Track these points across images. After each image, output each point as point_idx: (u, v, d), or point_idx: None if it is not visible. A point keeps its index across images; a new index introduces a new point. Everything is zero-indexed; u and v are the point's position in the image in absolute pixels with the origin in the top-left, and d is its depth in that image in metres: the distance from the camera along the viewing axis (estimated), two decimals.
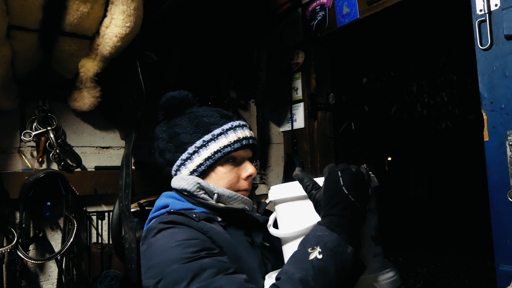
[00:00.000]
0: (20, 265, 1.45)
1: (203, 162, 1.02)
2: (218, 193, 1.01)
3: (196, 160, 1.03)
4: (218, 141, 1.02)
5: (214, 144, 1.02)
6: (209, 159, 1.02)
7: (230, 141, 1.02)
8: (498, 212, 1.23)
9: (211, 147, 1.02)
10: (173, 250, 0.81)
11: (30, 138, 1.55)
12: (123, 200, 1.49)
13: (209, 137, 1.03)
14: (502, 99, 1.23)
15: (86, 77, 1.52)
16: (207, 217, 0.95)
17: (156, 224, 0.91)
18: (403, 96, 5.19)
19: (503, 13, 1.23)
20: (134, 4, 1.34)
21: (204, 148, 1.02)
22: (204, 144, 1.02)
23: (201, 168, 1.03)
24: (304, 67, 2.17)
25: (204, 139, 1.03)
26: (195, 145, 1.03)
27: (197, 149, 1.03)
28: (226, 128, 1.04)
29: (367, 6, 1.78)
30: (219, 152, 1.02)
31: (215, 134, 1.03)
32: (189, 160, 1.04)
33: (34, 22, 1.32)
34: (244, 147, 1.05)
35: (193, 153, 1.03)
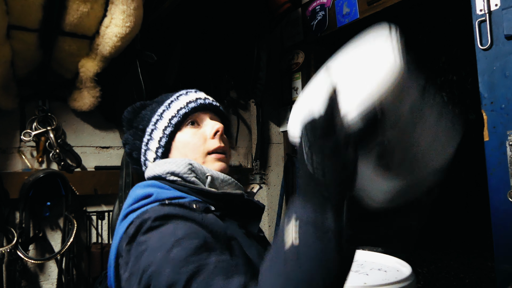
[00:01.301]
0: (20, 265, 1.45)
1: (162, 135, 0.92)
2: (212, 175, 0.88)
3: (156, 135, 0.93)
4: (171, 108, 0.94)
5: (167, 112, 0.94)
6: (167, 128, 0.92)
7: (183, 103, 0.94)
8: (498, 212, 1.23)
9: (166, 115, 0.93)
10: (167, 251, 0.67)
11: (30, 138, 1.55)
12: (123, 200, 1.49)
13: (163, 108, 0.95)
14: (502, 99, 1.23)
15: (86, 77, 1.52)
16: (206, 207, 0.81)
17: (146, 217, 0.74)
18: None
19: (503, 13, 1.23)
20: (134, 4, 1.34)
21: (160, 120, 0.94)
22: (159, 117, 0.94)
23: (163, 141, 0.92)
24: (304, 67, 2.17)
25: (158, 112, 0.95)
26: (152, 122, 0.95)
27: (154, 125, 0.94)
28: (177, 95, 0.97)
29: (367, 6, 1.78)
30: (175, 117, 0.92)
31: (167, 103, 0.95)
32: (151, 140, 0.94)
33: (34, 22, 1.32)
34: (202, 108, 0.95)
35: (151, 132, 0.94)
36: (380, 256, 1.04)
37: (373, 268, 0.96)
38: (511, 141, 1.20)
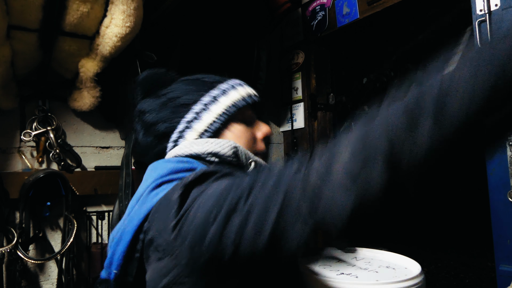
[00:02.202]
0: (20, 265, 1.45)
1: (215, 119, 0.85)
2: (256, 161, 0.84)
3: (206, 117, 0.85)
4: (229, 95, 0.87)
5: (225, 98, 0.87)
6: (223, 114, 0.85)
7: (242, 94, 0.89)
8: (498, 212, 1.23)
9: (222, 101, 0.86)
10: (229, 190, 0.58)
11: (30, 138, 1.55)
12: (123, 200, 1.49)
13: (218, 91, 0.88)
14: None
15: (86, 77, 1.52)
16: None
17: (206, 170, 0.67)
18: None
19: (503, 13, 1.23)
20: (134, 4, 1.34)
21: (213, 103, 0.86)
22: (213, 99, 0.87)
23: (213, 126, 0.85)
24: (304, 67, 2.17)
25: (212, 94, 0.87)
26: (202, 101, 0.86)
27: (206, 106, 0.86)
28: (233, 83, 0.91)
29: (367, 6, 1.78)
30: (233, 106, 0.86)
31: (224, 89, 0.88)
32: (196, 120, 0.85)
33: (34, 22, 1.32)
34: (254, 106, 0.92)
35: (200, 111, 0.86)
36: (386, 254, 1.05)
37: (381, 265, 0.96)
38: (511, 141, 1.20)
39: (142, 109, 0.91)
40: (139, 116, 0.92)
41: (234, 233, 0.53)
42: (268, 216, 0.52)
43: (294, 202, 0.51)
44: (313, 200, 0.50)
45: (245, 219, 0.53)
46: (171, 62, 1.73)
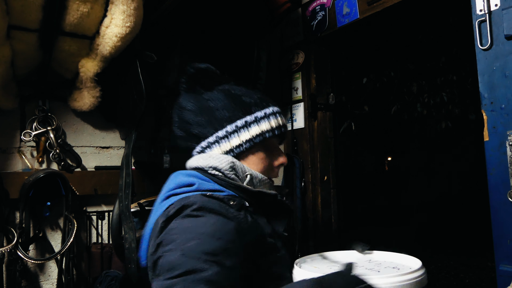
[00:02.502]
0: (20, 265, 1.45)
1: (241, 144, 0.97)
2: (251, 174, 0.97)
3: (235, 140, 0.97)
4: (260, 125, 0.98)
5: (256, 127, 0.98)
6: (250, 141, 0.97)
7: (272, 126, 1.00)
8: (498, 212, 1.23)
9: (253, 129, 0.98)
10: (187, 240, 0.75)
11: (30, 138, 1.55)
12: (123, 200, 1.48)
13: (251, 118, 0.99)
14: (502, 99, 1.23)
15: (86, 77, 1.52)
16: (242, 204, 0.89)
17: (188, 203, 0.83)
18: (403, 96, 5.19)
19: (503, 13, 1.23)
20: (134, 4, 1.34)
21: (245, 129, 0.98)
22: (245, 125, 0.98)
23: (239, 149, 0.98)
24: (304, 67, 2.17)
25: (246, 120, 0.98)
26: (236, 124, 0.98)
27: (238, 129, 0.98)
28: (268, 112, 1.02)
29: (367, 6, 1.78)
30: (260, 136, 0.98)
31: (258, 117, 0.99)
32: (226, 139, 0.98)
33: (34, 22, 1.32)
34: (280, 136, 1.04)
35: (232, 132, 0.98)
36: (392, 255, 1.04)
37: (388, 266, 0.96)
38: (511, 141, 1.20)
39: (183, 105, 1.02)
40: (179, 109, 1.03)
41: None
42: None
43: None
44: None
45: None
46: (171, 62, 1.73)
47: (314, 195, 2.13)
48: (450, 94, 4.89)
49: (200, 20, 1.76)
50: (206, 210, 0.82)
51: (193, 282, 0.68)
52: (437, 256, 5.97)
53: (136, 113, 1.52)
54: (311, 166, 2.14)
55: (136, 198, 1.59)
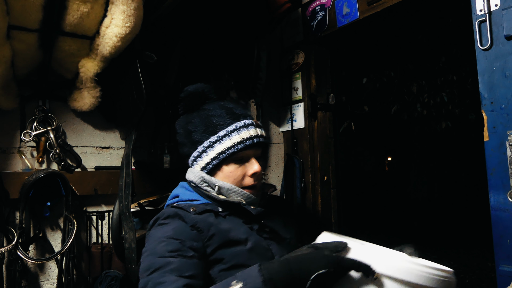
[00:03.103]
0: (20, 265, 1.45)
1: (210, 161, 1.12)
2: (219, 186, 1.11)
3: (205, 159, 1.13)
4: (222, 143, 1.11)
5: (219, 145, 1.11)
6: (215, 159, 1.11)
7: (234, 142, 1.10)
8: (498, 212, 1.23)
9: (216, 148, 1.11)
10: (157, 244, 0.97)
11: (30, 138, 1.55)
12: (123, 200, 1.49)
13: (215, 138, 1.11)
14: (502, 99, 1.23)
15: (86, 77, 1.52)
16: (205, 209, 1.07)
17: (160, 215, 1.08)
18: (403, 96, 5.19)
19: (503, 13, 1.23)
20: (134, 4, 1.34)
21: (210, 148, 1.12)
22: (210, 145, 1.12)
23: (209, 166, 1.13)
24: (304, 67, 2.17)
25: (211, 140, 1.12)
26: (203, 145, 1.13)
27: (205, 149, 1.13)
28: (230, 129, 1.12)
29: (367, 6, 1.78)
30: (223, 154, 1.10)
31: (220, 136, 1.11)
32: (199, 158, 1.14)
33: (34, 22, 1.32)
34: (248, 147, 1.12)
35: (202, 152, 1.13)
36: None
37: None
38: (511, 141, 1.20)
39: (176, 128, 1.21)
40: (177, 130, 1.21)
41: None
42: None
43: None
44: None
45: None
46: (171, 62, 1.73)
47: (314, 195, 2.13)
48: (450, 94, 4.90)
49: (200, 20, 1.76)
50: (170, 217, 1.04)
51: (164, 273, 0.89)
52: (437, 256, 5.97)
53: (136, 113, 1.52)
54: (311, 166, 2.14)
55: (136, 198, 1.59)
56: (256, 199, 1.15)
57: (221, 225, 1.05)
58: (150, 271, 0.91)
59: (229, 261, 1.01)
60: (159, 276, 0.89)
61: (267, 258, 1.04)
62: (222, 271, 1.00)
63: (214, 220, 1.05)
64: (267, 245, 1.08)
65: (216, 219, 1.06)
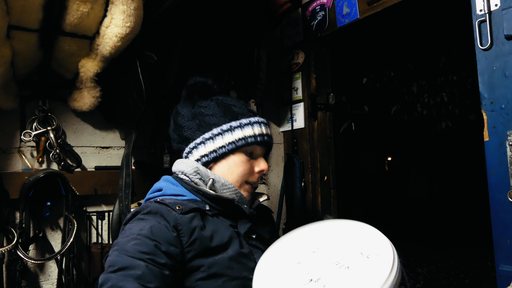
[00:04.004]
0: (20, 265, 1.45)
1: (216, 149, 1.05)
2: (214, 178, 1.04)
3: (218, 141, 1.05)
4: (234, 133, 1.05)
5: (239, 131, 1.05)
6: (222, 148, 1.05)
7: (255, 133, 1.07)
8: (498, 212, 1.23)
9: (237, 133, 1.05)
10: (129, 240, 0.89)
11: (30, 138, 1.55)
12: (123, 200, 1.49)
13: (237, 124, 1.06)
14: (502, 99, 1.23)
15: (86, 77, 1.52)
16: (192, 208, 0.98)
17: (139, 210, 0.99)
18: (403, 96, 5.19)
19: (503, 13, 1.23)
20: (134, 4, 1.34)
21: (228, 132, 1.05)
22: (230, 129, 1.05)
23: (212, 155, 1.06)
24: (304, 67, 2.17)
25: (232, 125, 1.05)
26: (221, 128, 1.05)
27: (222, 132, 1.05)
28: (253, 121, 1.09)
29: (367, 6, 1.78)
30: (243, 140, 1.05)
31: (242, 123, 1.06)
32: (211, 140, 1.06)
33: (34, 22, 1.32)
34: (262, 143, 1.10)
35: (217, 134, 1.05)
36: (351, 227, 0.95)
37: (352, 256, 0.84)
38: (511, 141, 1.20)
39: (178, 110, 1.14)
40: (175, 113, 1.14)
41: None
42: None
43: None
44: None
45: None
46: (171, 62, 1.73)
47: (314, 195, 2.13)
48: (450, 94, 4.90)
49: (200, 20, 1.76)
50: (152, 214, 0.96)
51: (124, 277, 0.81)
52: (437, 256, 5.98)
53: (136, 113, 1.52)
54: (311, 166, 2.14)
55: (136, 198, 1.59)
56: (248, 202, 1.11)
57: (205, 228, 0.98)
58: (113, 269, 0.84)
59: (207, 269, 0.94)
60: (120, 279, 0.81)
61: (248, 268, 0.98)
62: (199, 280, 0.93)
63: (199, 222, 0.97)
64: (250, 253, 1.02)
65: (200, 221, 0.98)
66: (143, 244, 0.87)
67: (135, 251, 0.86)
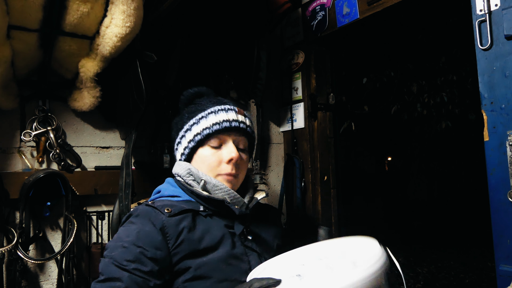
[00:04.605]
0: (20, 265, 1.45)
1: (187, 145, 1.08)
2: (205, 180, 1.04)
3: (184, 142, 1.09)
4: (199, 124, 1.06)
5: (196, 127, 1.06)
6: (191, 141, 1.07)
7: (210, 123, 1.05)
8: (498, 212, 1.23)
9: (193, 129, 1.07)
10: (118, 248, 0.91)
11: (30, 138, 1.55)
12: (123, 200, 1.49)
13: (193, 121, 1.08)
14: (502, 99, 1.23)
15: (86, 77, 1.52)
16: (182, 210, 0.98)
17: (131, 213, 1.02)
18: (403, 96, 5.19)
19: (503, 13, 1.23)
20: (134, 4, 1.34)
21: (188, 131, 1.08)
22: (189, 127, 1.08)
23: (186, 151, 1.09)
24: (304, 67, 2.17)
25: (189, 123, 1.08)
26: (184, 129, 1.10)
27: (184, 133, 1.09)
28: (208, 111, 1.07)
29: (367, 6, 1.78)
30: (199, 135, 1.05)
31: (198, 118, 1.07)
32: (180, 144, 1.11)
33: (34, 22, 1.32)
34: (226, 130, 1.05)
35: (182, 137, 1.10)
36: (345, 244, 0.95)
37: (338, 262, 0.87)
38: (511, 141, 1.20)
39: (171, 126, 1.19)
40: (174, 118, 1.19)
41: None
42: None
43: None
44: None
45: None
46: (171, 62, 1.73)
47: (314, 195, 2.13)
48: (450, 94, 4.90)
49: (200, 20, 1.76)
50: (140, 217, 0.97)
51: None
52: (437, 256, 5.98)
53: (136, 113, 1.52)
54: (311, 166, 2.14)
55: (136, 198, 1.59)
56: (242, 200, 1.06)
57: (195, 229, 0.97)
58: (101, 278, 0.88)
59: (194, 271, 0.93)
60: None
61: (240, 271, 0.97)
62: (186, 281, 0.93)
63: (189, 223, 0.97)
64: (244, 254, 1.00)
65: (191, 222, 0.97)
66: (128, 252, 0.89)
67: (121, 259, 0.88)
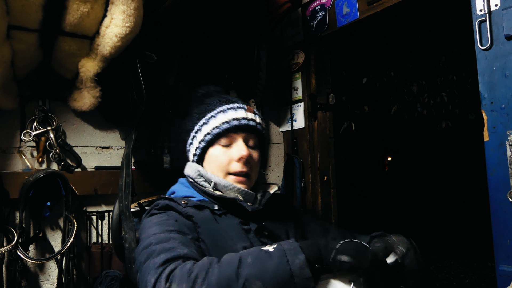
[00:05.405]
0: (20, 265, 1.45)
1: (198, 145, 1.09)
2: (215, 182, 1.05)
3: (195, 143, 1.10)
4: (209, 124, 1.06)
5: (206, 126, 1.07)
6: (202, 141, 1.08)
7: (219, 122, 1.05)
8: (498, 212, 1.23)
9: (203, 129, 1.07)
10: (153, 225, 0.94)
11: (30, 138, 1.55)
12: (123, 200, 1.48)
13: (203, 121, 1.08)
14: (502, 99, 1.23)
15: (86, 77, 1.52)
16: (197, 205, 1.02)
17: (152, 206, 1.06)
18: (403, 96, 5.19)
19: (503, 13, 1.23)
20: (134, 4, 1.34)
21: (199, 131, 1.09)
22: (199, 128, 1.09)
23: (198, 151, 1.10)
24: (304, 67, 2.17)
25: (199, 123, 1.09)
26: (194, 129, 1.10)
27: (195, 133, 1.10)
28: (218, 111, 1.07)
29: (367, 6, 1.78)
30: (209, 134, 1.06)
31: (207, 118, 1.07)
32: (191, 144, 1.12)
33: (34, 22, 1.32)
34: (235, 129, 1.06)
35: (193, 138, 1.11)
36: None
37: None
38: (511, 141, 1.20)
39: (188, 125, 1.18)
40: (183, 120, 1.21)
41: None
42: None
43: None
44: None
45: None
46: (171, 62, 1.73)
47: (314, 195, 2.13)
48: (450, 94, 4.90)
49: (200, 20, 1.76)
50: (162, 208, 1.02)
51: (171, 239, 0.87)
52: (437, 256, 5.97)
53: (136, 113, 1.52)
54: (311, 166, 2.14)
55: (136, 198, 1.59)
56: (253, 194, 1.07)
57: (213, 224, 0.99)
58: (154, 243, 0.87)
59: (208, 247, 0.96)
60: (166, 243, 0.85)
61: None
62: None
63: (209, 216, 1.00)
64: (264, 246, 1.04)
65: (210, 215, 1.01)
66: (167, 224, 0.93)
67: (163, 230, 0.90)
